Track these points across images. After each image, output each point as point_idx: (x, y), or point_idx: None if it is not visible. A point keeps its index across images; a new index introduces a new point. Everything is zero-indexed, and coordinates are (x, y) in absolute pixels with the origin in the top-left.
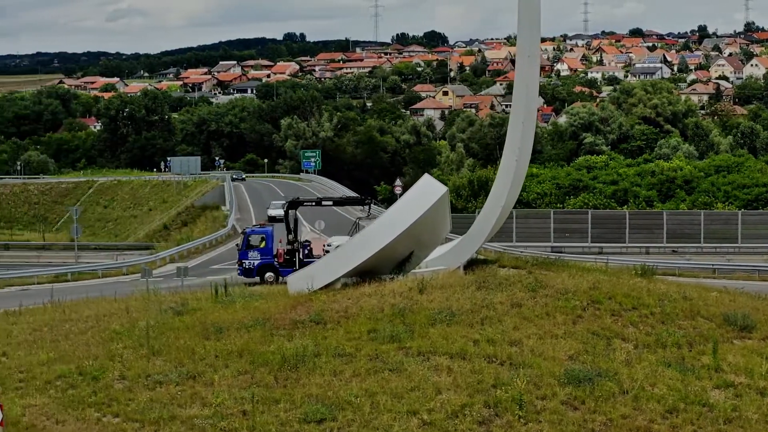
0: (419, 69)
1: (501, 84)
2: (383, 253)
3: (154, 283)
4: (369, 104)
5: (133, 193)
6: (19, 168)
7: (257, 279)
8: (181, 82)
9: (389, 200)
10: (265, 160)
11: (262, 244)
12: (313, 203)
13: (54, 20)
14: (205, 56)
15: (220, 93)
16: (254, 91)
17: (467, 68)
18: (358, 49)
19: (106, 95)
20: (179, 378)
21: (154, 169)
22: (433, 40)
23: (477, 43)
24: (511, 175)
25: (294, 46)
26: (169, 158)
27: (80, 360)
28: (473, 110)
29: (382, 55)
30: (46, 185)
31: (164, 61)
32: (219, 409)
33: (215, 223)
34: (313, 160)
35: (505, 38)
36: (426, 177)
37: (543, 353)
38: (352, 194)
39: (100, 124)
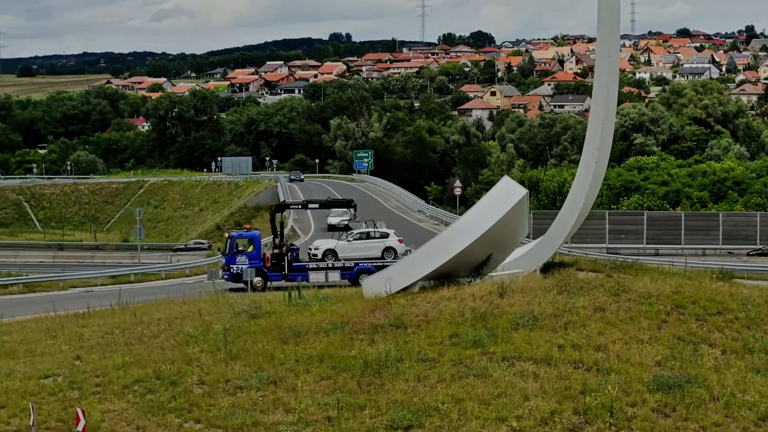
0: (466, 69)
1: (549, 84)
2: (462, 257)
3: (217, 284)
4: (417, 104)
5: (183, 194)
6: (69, 168)
7: (243, 284)
8: (228, 83)
9: (439, 201)
10: (316, 161)
11: (250, 249)
12: (300, 206)
13: (99, 20)
14: (252, 56)
15: (267, 93)
16: (301, 92)
17: (515, 68)
18: (404, 50)
19: (154, 95)
20: (260, 383)
21: (204, 170)
22: (480, 40)
23: (524, 43)
24: (589, 176)
25: (341, 46)
26: (219, 158)
27: (157, 364)
28: (521, 110)
29: (429, 55)
30: (96, 185)
31: (211, 62)
32: (303, 416)
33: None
34: (366, 160)
35: (552, 38)
36: (506, 179)
37: (630, 359)
38: (413, 196)
39: (148, 124)
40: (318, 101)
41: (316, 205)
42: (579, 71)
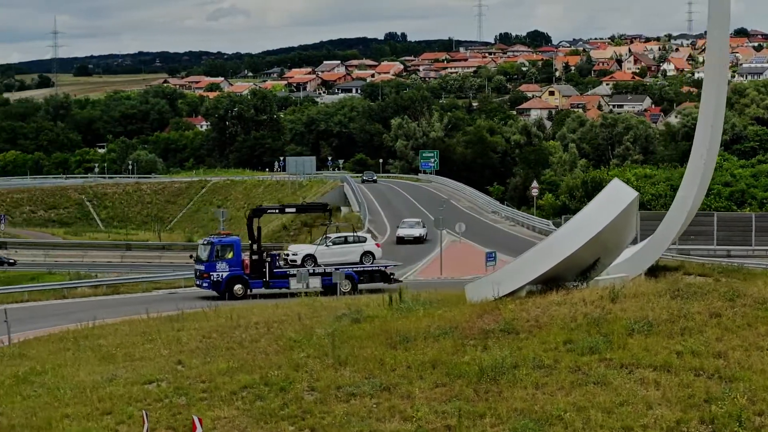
0: (524, 69)
1: (607, 84)
2: (571, 260)
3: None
4: (475, 104)
5: (246, 193)
6: (130, 167)
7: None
8: (285, 82)
9: (500, 201)
10: (380, 161)
11: (230, 255)
12: (277, 210)
13: (155, 20)
14: (308, 56)
15: (324, 93)
16: (359, 91)
17: (572, 68)
18: (461, 49)
19: (211, 95)
20: (373, 390)
21: (266, 169)
22: (536, 39)
23: (581, 42)
24: (698, 178)
25: (397, 46)
26: (282, 158)
27: (263, 369)
28: (580, 110)
29: (487, 54)
30: (158, 185)
31: (268, 61)
32: (421, 424)
33: (347, 224)
34: (432, 160)
35: (609, 38)
36: (615, 181)
37: (751, 366)
38: (486, 197)
39: (207, 123)
40: (378, 101)
41: (293, 210)
42: (637, 71)
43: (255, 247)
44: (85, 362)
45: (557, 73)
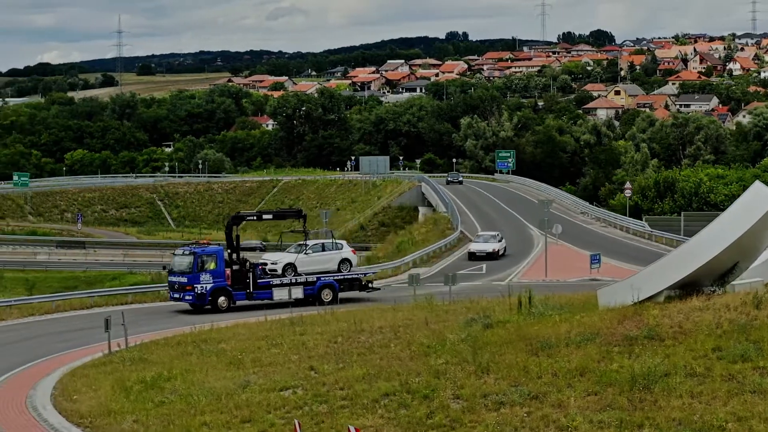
0: (589, 68)
1: (673, 84)
2: (710, 265)
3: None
4: (540, 104)
5: (318, 192)
6: (200, 166)
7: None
8: (349, 81)
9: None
10: (453, 161)
11: (212, 266)
12: (254, 217)
13: (215, 19)
14: (372, 55)
15: (388, 92)
16: (423, 90)
17: (637, 67)
18: (524, 48)
19: (275, 94)
20: (522, 398)
21: (337, 168)
22: (599, 38)
23: (645, 42)
24: None
25: (460, 45)
26: (353, 157)
27: (401, 376)
28: (647, 110)
29: (550, 54)
30: (230, 184)
31: (331, 60)
32: None
33: (436, 226)
34: (508, 160)
35: (672, 37)
36: (757, 184)
37: None
38: (572, 197)
39: (273, 122)
40: (448, 100)
41: (270, 216)
42: (703, 70)
43: (234, 256)
44: (212, 367)
45: (622, 73)
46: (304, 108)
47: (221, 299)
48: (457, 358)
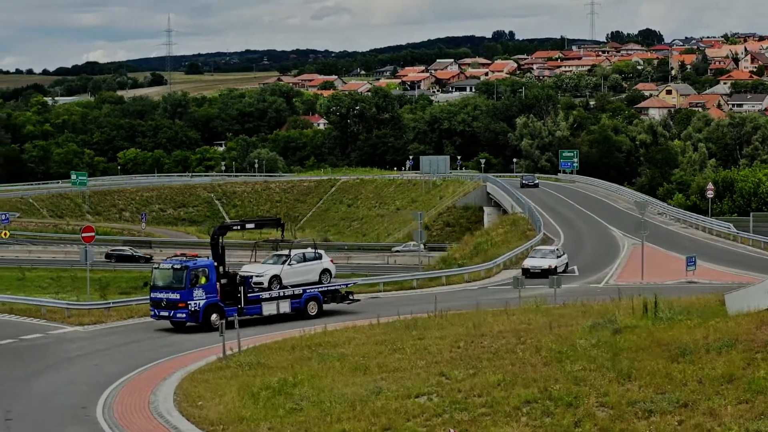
0: (639, 67)
1: (725, 83)
2: None
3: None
4: (592, 103)
5: (377, 192)
6: (256, 165)
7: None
8: (399, 80)
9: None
10: (514, 160)
11: (203, 280)
12: (238, 227)
13: (260, 18)
14: (420, 54)
15: (438, 91)
16: (473, 89)
17: (688, 67)
18: (573, 47)
19: (325, 93)
20: (671, 406)
21: (395, 168)
22: (648, 37)
23: (694, 41)
24: None
25: (509, 44)
26: (410, 156)
27: (538, 383)
28: (699, 109)
29: (600, 53)
30: (287, 183)
31: (379, 59)
32: None
33: (515, 227)
34: (573, 160)
35: (722, 36)
36: None
37: None
38: (645, 196)
39: (324, 121)
40: (502, 99)
41: (252, 225)
42: (755, 69)
43: (221, 269)
44: (338, 373)
45: (672, 72)
46: (358, 107)
47: (214, 316)
48: (594, 364)
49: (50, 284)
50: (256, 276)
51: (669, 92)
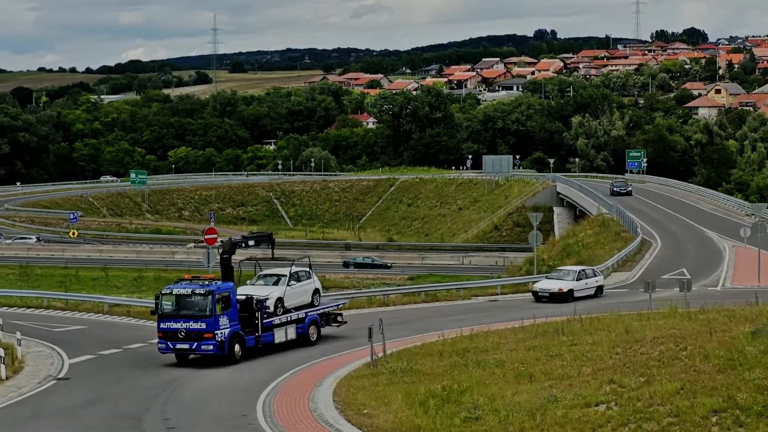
0: (687, 67)
1: None
2: None
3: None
4: (641, 102)
5: (437, 192)
6: (312, 164)
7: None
8: (445, 79)
9: None
10: (576, 160)
11: (227, 306)
12: (243, 245)
13: (300, 17)
14: (465, 53)
15: (485, 90)
16: (520, 88)
17: (735, 66)
18: (619, 46)
19: (372, 91)
20: None
21: (453, 167)
22: (693, 36)
23: (740, 40)
24: None
25: (554, 43)
26: (470, 155)
27: (720, 391)
28: (750, 109)
29: (647, 52)
30: (346, 182)
31: (424, 58)
32: None
33: (605, 228)
34: (641, 160)
35: (766, 35)
36: None
37: None
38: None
39: (373, 120)
40: (556, 99)
41: (252, 242)
42: None
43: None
44: (501, 380)
45: (720, 71)
46: (410, 106)
47: (237, 347)
48: None
49: (134, 284)
50: (260, 298)
51: (718, 91)
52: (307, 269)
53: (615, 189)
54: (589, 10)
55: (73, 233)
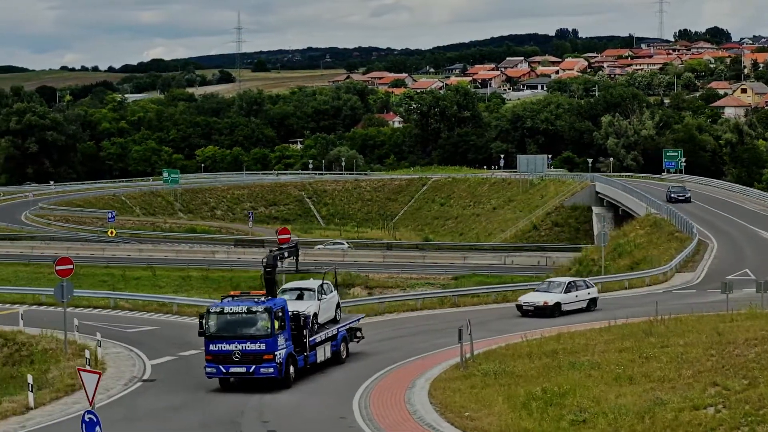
0: (712, 66)
1: None
2: None
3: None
4: (666, 101)
5: (470, 191)
6: (343, 163)
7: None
8: (469, 78)
9: None
10: (608, 159)
11: (284, 324)
12: (279, 257)
13: (320, 16)
14: (488, 52)
15: (509, 89)
16: (545, 88)
17: (761, 65)
18: (642, 46)
19: (396, 90)
20: None
21: (485, 167)
22: (716, 36)
23: (764, 39)
24: None
25: (578, 42)
26: (502, 155)
27: None
28: None
29: (671, 51)
30: (377, 182)
31: (448, 57)
32: None
33: (657, 228)
34: (678, 159)
35: None
36: None
37: None
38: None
39: (399, 119)
40: (586, 98)
41: (286, 253)
42: None
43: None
44: (600, 382)
45: (746, 71)
46: (439, 105)
47: (291, 369)
48: None
49: (180, 284)
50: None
51: (744, 91)
52: (328, 282)
53: (672, 195)
54: (610, 9)
55: (111, 232)
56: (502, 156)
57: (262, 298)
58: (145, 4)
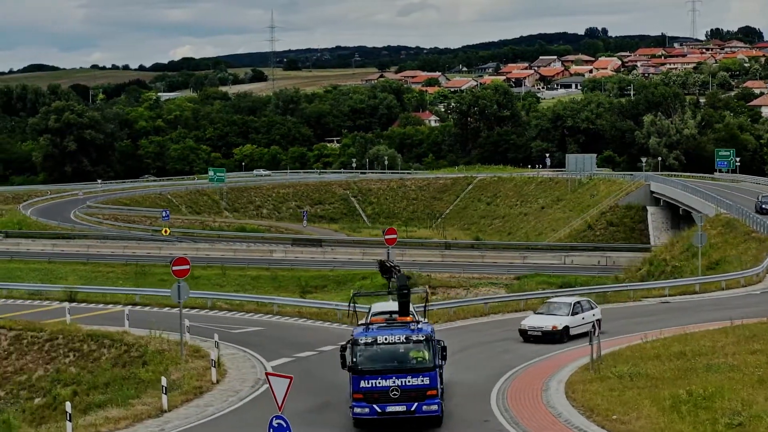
0: (746, 65)
1: None
2: None
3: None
4: (702, 100)
5: (517, 190)
6: (386, 162)
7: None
8: (503, 77)
9: None
10: (647, 159)
11: (441, 355)
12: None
13: (347, 14)
14: (521, 51)
15: (543, 88)
16: (578, 87)
17: None
18: (675, 45)
19: (430, 89)
20: None
21: (528, 166)
22: (749, 35)
23: None
24: None
25: (610, 41)
26: (547, 154)
27: None
28: None
29: (704, 50)
30: (422, 181)
31: (480, 56)
32: None
33: (730, 228)
34: (731, 159)
35: None
36: None
37: None
38: None
39: (435, 117)
40: (628, 97)
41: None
42: None
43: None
44: (744, 385)
45: None
46: (478, 104)
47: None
48: None
49: (253, 283)
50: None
51: None
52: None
53: (765, 207)
54: (639, 8)
55: (166, 231)
56: (548, 155)
57: (419, 325)
58: (173, 3)
